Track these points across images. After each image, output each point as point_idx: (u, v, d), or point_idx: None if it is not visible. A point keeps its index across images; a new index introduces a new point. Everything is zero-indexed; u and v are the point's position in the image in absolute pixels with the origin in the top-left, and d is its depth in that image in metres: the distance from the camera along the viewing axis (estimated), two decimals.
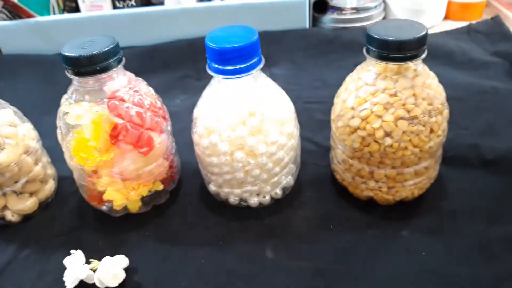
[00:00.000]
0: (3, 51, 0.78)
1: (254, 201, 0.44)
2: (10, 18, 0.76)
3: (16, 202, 0.45)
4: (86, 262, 0.40)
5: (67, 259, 0.40)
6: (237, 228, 0.44)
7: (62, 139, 0.41)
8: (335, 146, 0.44)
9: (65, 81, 0.41)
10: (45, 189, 0.47)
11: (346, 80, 0.42)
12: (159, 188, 0.45)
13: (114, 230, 0.44)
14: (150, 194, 0.45)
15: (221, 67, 0.38)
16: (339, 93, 0.42)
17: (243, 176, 0.41)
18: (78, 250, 0.40)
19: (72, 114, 0.39)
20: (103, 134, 0.39)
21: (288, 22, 0.77)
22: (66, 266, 0.39)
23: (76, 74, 0.38)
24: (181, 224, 0.45)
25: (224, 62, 0.37)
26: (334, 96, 0.43)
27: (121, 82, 0.41)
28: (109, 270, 0.38)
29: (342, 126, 0.40)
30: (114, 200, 0.43)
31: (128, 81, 0.41)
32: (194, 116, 0.43)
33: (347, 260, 0.39)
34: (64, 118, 0.40)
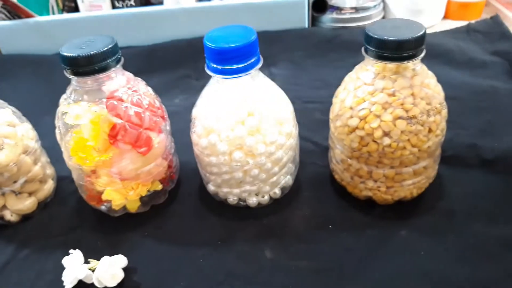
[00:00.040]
0: (2, 51, 0.78)
1: (253, 201, 0.44)
2: (10, 18, 0.76)
3: (15, 202, 0.45)
4: (85, 262, 0.40)
5: (66, 259, 0.40)
6: (236, 228, 0.43)
7: (61, 139, 0.41)
8: (334, 146, 0.44)
9: (64, 81, 0.41)
10: (44, 189, 0.47)
11: (344, 79, 0.42)
12: (158, 188, 0.45)
13: (113, 230, 0.44)
14: (149, 194, 0.45)
15: (219, 67, 0.38)
16: (338, 92, 0.42)
17: (242, 176, 0.41)
18: (77, 250, 0.40)
19: (70, 114, 0.39)
20: (102, 134, 0.39)
21: (287, 22, 0.77)
22: (64, 266, 0.39)
23: (74, 74, 0.38)
24: (180, 224, 0.45)
25: (222, 61, 0.37)
26: (333, 95, 0.43)
27: (119, 82, 0.41)
28: (107, 270, 0.38)
29: (341, 126, 0.40)
30: (113, 200, 0.43)
31: (126, 81, 0.41)
32: (193, 116, 0.43)
33: (346, 260, 0.39)
34: (62, 118, 0.40)
